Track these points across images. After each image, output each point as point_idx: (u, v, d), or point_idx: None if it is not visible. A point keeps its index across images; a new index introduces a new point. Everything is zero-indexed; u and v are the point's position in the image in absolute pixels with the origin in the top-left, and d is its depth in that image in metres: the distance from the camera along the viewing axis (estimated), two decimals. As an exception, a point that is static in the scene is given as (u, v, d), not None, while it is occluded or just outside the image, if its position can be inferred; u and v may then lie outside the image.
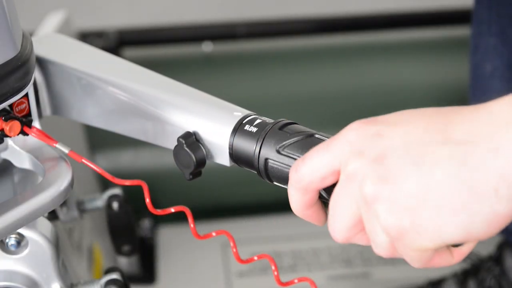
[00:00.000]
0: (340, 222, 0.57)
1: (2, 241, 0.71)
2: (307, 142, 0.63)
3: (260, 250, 1.51)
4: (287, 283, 0.67)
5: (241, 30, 1.66)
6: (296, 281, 0.67)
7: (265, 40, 1.70)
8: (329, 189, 0.60)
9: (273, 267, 0.67)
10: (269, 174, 0.65)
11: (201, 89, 0.73)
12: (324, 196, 0.61)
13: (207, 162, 0.69)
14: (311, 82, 1.65)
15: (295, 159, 0.62)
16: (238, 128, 0.67)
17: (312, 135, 0.63)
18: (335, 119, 1.58)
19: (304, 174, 0.59)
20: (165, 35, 1.67)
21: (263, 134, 0.65)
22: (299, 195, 0.60)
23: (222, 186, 1.59)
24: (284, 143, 0.64)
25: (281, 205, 1.57)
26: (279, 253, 1.53)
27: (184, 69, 1.64)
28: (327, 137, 0.62)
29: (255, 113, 0.69)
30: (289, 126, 0.65)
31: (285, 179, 0.64)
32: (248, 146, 0.66)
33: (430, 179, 0.52)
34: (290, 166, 0.63)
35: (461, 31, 1.63)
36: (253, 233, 1.57)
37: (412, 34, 1.71)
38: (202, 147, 0.68)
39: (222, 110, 0.69)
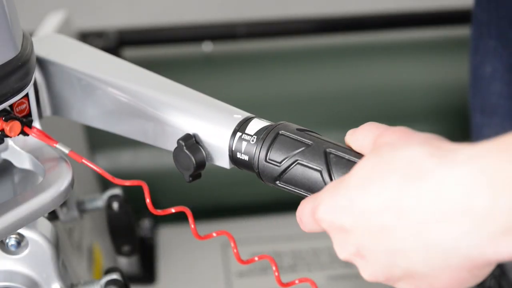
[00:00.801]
0: (340, 252, 0.58)
1: (2, 241, 0.71)
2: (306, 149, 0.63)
3: (260, 250, 1.51)
4: (287, 284, 0.67)
5: (241, 30, 1.66)
6: (297, 281, 0.67)
7: (265, 40, 1.70)
8: None
9: (273, 268, 0.67)
10: None
11: (201, 89, 0.73)
12: None
13: (207, 163, 0.69)
14: (311, 82, 1.65)
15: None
16: (238, 131, 0.67)
17: (309, 146, 0.63)
18: (335, 119, 1.58)
19: (305, 225, 0.62)
20: (165, 35, 1.67)
21: (263, 137, 0.65)
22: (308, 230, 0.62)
23: (222, 186, 1.59)
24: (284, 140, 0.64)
25: (281, 205, 1.57)
26: (279, 253, 1.53)
27: (184, 69, 1.64)
28: (325, 140, 0.63)
29: (255, 115, 0.68)
30: (289, 129, 0.65)
31: None
32: (248, 149, 0.66)
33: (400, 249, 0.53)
34: (289, 169, 0.63)
35: (461, 31, 1.63)
36: (253, 233, 1.57)
37: (412, 34, 1.71)
38: (202, 150, 0.68)
39: (222, 113, 0.69)
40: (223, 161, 0.68)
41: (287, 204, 1.33)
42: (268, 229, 1.59)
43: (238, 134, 0.66)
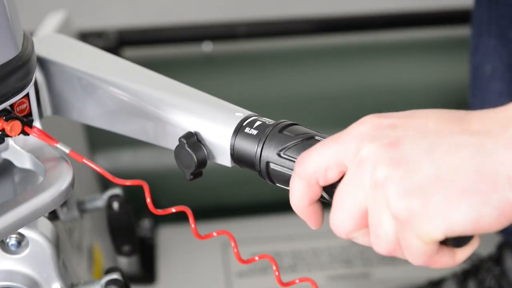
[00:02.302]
0: (345, 213, 0.57)
1: (2, 241, 0.71)
2: (308, 145, 0.63)
3: (260, 250, 1.51)
4: (288, 284, 0.67)
5: (241, 30, 1.66)
6: (297, 281, 0.67)
7: (265, 40, 1.70)
8: (331, 190, 0.60)
9: (274, 267, 0.67)
10: (270, 175, 0.65)
11: (201, 89, 0.73)
12: (325, 198, 0.61)
13: (208, 161, 0.69)
14: (311, 82, 1.65)
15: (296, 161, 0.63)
16: (240, 129, 0.67)
17: (312, 137, 0.63)
18: (335, 119, 1.58)
19: (309, 164, 0.58)
20: (165, 35, 1.67)
21: (264, 136, 0.65)
22: (302, 187, 0.60)
23: (222, 186, 1.59)
24: (285, 145, 0.64)
25: (281, 205, 1.57)
26: (279, 253, 1.53)
27: (184, 69, 1.64)
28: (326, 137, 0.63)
29: (257, 114, 0.69)
30: (290, 128, 0.65)
31: (286, 181, 0.64)
32: (250, 147, 0.66)
33: (444, 165, 0.52)
34: (291, 168, 0.63)
35: (461, 31, 1.63)
36: (253, 233, 1.57)
37: (412, 34, 1.71)
38: (203, 148, 0.68)
39: (223, 111, 0.69)
40: (224, 159, 0.68)
41: (287, 204, 1.32)
42: (268, 229, 1.59)
43: (240, 132, 0.67)
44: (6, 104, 0.68)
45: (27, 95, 0.71)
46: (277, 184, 0.66)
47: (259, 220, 1.62)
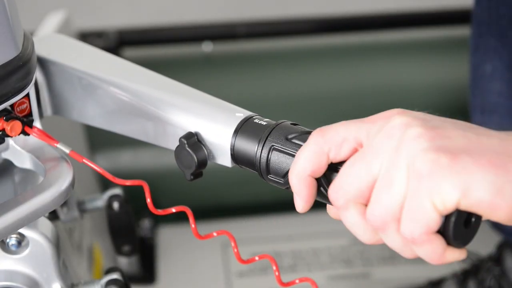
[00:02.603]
0: (352, 177, 0.57)
1: (3, 241, 0.71)
2: None
3: (260, 250, 1.51)
4: (288, 284, 0.67)
5: (241, 30, 1.66)
6: (297, 281, 0.67)
7: (265, 40, 1.70)
8: (330, 176, 0.60)
9: (274, 268, 0.67)
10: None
11: (201, 89, 0.74)
12: (322, 188, 0.61)
13: (209, 161, 0.69)
14: (311, 82, 1.65)
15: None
16: (240, 129, 0.67)
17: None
18: (335, 119, 1.56)
19: (329, 132, 0.59)
20: (165, 35, 1.67)
21: (264, 136, 0.65)
22: (311, 154, 0.59)
23: (223, 186, 1.59)
24: (285, 145, 0.64)
25: (281, 205, 1.57)
26: (279, 253, 1.53)
27: (184, 69, 1.64)
28: None
29: (257, 114, 0.69)
30: (291, 128, 0.65)
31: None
32: (250, 148, 0.66)
33: (476, 141, 0.55)
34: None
35: (461, 31, 1.63)
36: (253, 233, 1.57)
37: (412, 34, 1.71)
38: (203, 148, 0.68)
39: (224, 111, 0.69)
40: (224, 160, 0.68)
41: (287, 204, 1.32)
42: (268, 229, 1.59)
43: (240, 132, 0.67)
44: (6, 104, 0.68)
45: (27, 95, 0.71)
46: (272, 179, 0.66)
47: (259, 220, 1.62)
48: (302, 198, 0.61)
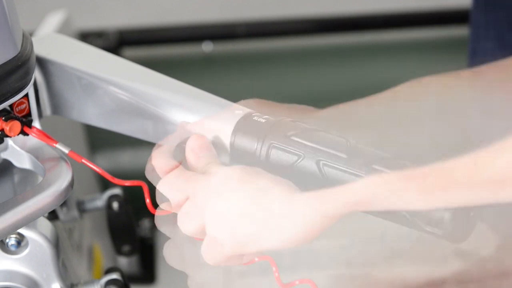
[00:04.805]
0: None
1: (2, 241, 0.71)
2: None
3: (260, 250, 1.51)
4: (288, 285, 0.67)
5: (241, 30, 1.66)
6: (297, 282, 0.67)
7: (265, 40, 1.70)
8: None
9: (273, 269, 0.67)
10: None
11: (201, 88, 0.73)
12: None
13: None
14: (311, 82, 1.65)
15: (296, 155, 0.63)
16: (239, 127, 0.67)
17: (311, 132, 0.64)
18: (335, 119, 1.57)
19: None
20: (165, 35, 1.67)
21: (264, 134, 0.65)
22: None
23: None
24: (285, 142, 0.64)
25: (281, 205, 1.57)
26: (279, 253, 1.53)
27: (184, 69, 1.64)
28: (326, 132, 0.63)
29: (256, 112, 0.68)
30: (290, 125, 0.65)
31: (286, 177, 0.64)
32: (249, 145, 0.66)
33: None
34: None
35: (461, 31, 1.63)
36: (253, 233, 1.57)
37: (412, 34, 1.71)
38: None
39: (223, 109, 0.69)
40: (224, 157, 0.68)
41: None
42: (268, 229, 1.59)
43: (239, 130, 0.67)
44: (5, 104, 0.68)
45: (27, 95, 0.71)
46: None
47: (259, 220, 1.61)
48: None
